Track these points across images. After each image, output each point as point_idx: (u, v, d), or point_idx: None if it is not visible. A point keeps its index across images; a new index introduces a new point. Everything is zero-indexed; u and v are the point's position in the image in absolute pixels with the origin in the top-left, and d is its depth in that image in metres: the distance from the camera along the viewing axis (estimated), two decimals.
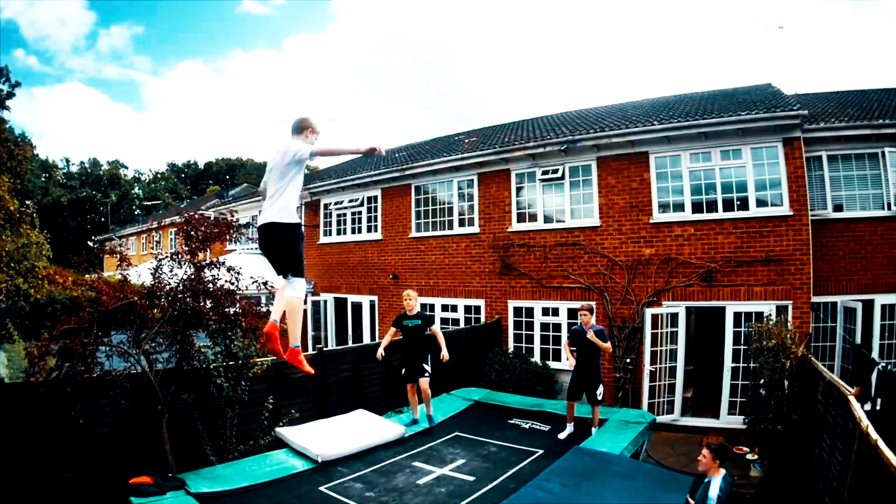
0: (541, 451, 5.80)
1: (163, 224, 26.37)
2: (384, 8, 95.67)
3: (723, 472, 3.92)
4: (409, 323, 6.33)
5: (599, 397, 6.33)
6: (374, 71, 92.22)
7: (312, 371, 4.00)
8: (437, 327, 6.22)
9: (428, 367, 6.28)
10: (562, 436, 6.19)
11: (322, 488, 4.82)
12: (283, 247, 3.40)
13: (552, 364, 9.39)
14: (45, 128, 74.65)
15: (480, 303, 10.66)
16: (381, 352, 6.30)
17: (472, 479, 5.07)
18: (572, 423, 6.36)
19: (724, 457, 3.95)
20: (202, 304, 5.18)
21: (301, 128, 3.49)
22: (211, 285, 5.23)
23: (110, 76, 79.24)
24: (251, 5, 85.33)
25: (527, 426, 6.84)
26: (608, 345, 6.33)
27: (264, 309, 5.89)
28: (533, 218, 10.16)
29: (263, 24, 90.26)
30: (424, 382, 6.24)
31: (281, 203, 3.31)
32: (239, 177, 47.12)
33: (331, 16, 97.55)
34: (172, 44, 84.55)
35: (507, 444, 6.07)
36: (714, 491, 3.79)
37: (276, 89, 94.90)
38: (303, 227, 3.70)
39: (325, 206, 14.24)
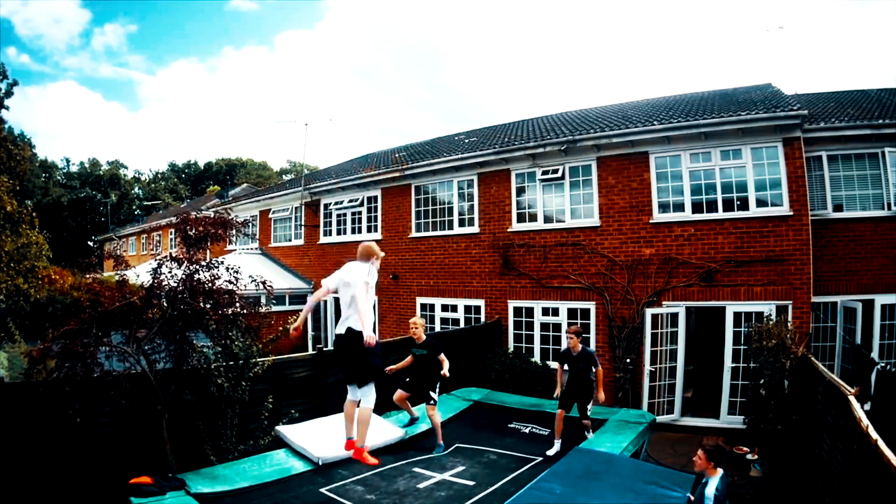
0: (540, 458, 5.80)
1: (162, 224, 26.37)
2: (373, 4, 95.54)
3: (720, 471, 3.92)
4: (417, 352, 6.34)
5: (590, 412, 6.33)
6: (367, 68, 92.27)
7: (377, 461, 4.73)
8: (442, 354, 6.21)
9: (434, 396, 6.24)
10: (550, 453, 5.96)
11: (323, 490, 4.81)
12: (357, 354, 4.10)
13: (552, 364, 9.37)
14: (40, 127, 74.98)
15: (480, 303, 10.66)
16: (391, 368, 6.30)
17: (472, 483, 5.07)
18: (560, 441, 6.12)
19: (719, 458, 3.94)
20: (201, 304, 5.17)
21: (369, 255, 4.48)
22: (210, 285, 5.23)
23: (106, 75, 79.32)
24: (240, 2, 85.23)
25: (527, 430, 6.82)
26: (601, 371, 6.35)
27: (264, 309, 5.89)
28: (533, 218, 10.16)
29: (253, 21, 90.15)
30: (431, 410, 6.24)
31: (361, 318, 4.09)
32: (239, 177, 47.15)
33: (320, 13, 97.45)
34: (166, 42, 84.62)
35: (507, 452, 6.06)
36: (711, 490, 3.80)
37: (271, 87, 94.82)
38: (379, 344, 4.34)
39: (325, 206, 14.24)
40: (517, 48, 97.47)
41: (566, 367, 6.44)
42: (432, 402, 6.21)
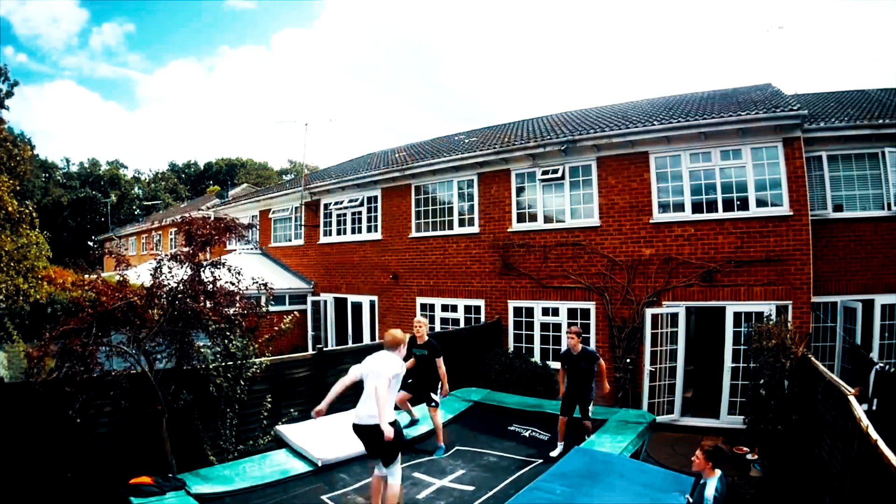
0: (540, 461, 5.80)
1: (163, 224, 26.39)
2: (370, 2, 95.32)
3: (718, 472, 3.92)
4: (417, 352, 6.33)
5: (591, 413, 6.34)
6: (365, 67, 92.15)
7: None
8: (441, 360, 6.21)
9: (436, 398, 6.23)
10: (553, 454, 6.03)
11: (323, 497, 4.80)
12: (379, 441, 4.04)
13: (552, 364, 9.38)
14: (38, 127, 74.83)
15: (480, 303, 10.66)
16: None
17: (471, 488, 5.07)
18: (563, 443, 6.18)
19: (719, 460, 3.95)
20: (202, 304, 5.18)
21: (397, 343, 4.51)
22: (211, 286, 5.23)
23: (104, 74, 79.30)
24: (236, 1, 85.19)
25: (526, 434, 6.81)
26: (603, 364, 6.41)
27: (264, 309, 5.89)
28: (533, 218, 10.16)
29: (250, 20, 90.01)
30: (433, 412, 6.23)
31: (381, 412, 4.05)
32: (239, 177, 47.15)
33: (317, 11, 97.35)
34: (164, 42, 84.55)
35: (507, 455, 6.05)
36: (710, 492, 3.80)
37: (269, 86, 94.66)
38: (400, 425, 4.45)
39: (325, 206, 14.24)
40: (517, 47, 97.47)
41: (567, 368, 6.45)
42: (434, 403, 6.21)
